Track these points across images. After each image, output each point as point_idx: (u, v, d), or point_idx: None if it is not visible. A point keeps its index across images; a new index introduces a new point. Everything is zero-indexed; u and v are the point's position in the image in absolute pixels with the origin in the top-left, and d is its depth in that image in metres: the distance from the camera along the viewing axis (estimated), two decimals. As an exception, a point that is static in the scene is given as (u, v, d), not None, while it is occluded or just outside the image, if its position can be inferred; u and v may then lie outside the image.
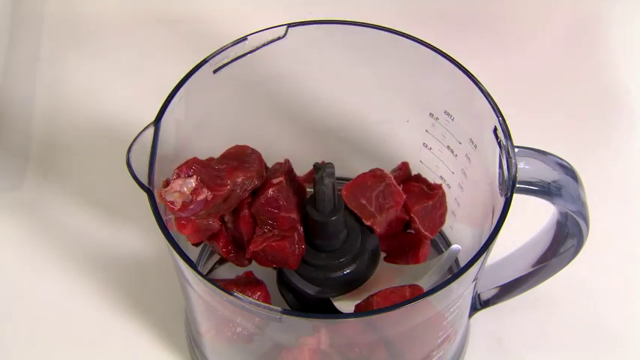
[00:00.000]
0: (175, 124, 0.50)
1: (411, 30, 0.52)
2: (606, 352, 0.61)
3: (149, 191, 0.46)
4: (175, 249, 0.45)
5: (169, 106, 0.49)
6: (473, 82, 0.49)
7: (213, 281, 0.44)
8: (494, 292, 0.57)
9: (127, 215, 0.65)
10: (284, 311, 0.44)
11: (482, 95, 0.49)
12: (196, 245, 0.54)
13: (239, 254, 0.53)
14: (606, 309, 0.63)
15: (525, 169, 0.48)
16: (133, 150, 0.46)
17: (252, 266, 0.53)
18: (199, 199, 0.48)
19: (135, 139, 0.47)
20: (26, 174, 0.68)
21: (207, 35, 0.75)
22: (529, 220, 0.53)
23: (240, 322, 0.49)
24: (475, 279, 0.49)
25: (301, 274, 0.52)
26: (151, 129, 0.47)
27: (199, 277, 0.44)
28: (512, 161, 0.47)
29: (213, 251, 0.59)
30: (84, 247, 0.65)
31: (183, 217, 0.50)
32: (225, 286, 0.45)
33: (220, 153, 0.54)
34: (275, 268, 0.54)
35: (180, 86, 0.49)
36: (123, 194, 0.61)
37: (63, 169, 0.69)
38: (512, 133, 0.48)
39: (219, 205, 0.50)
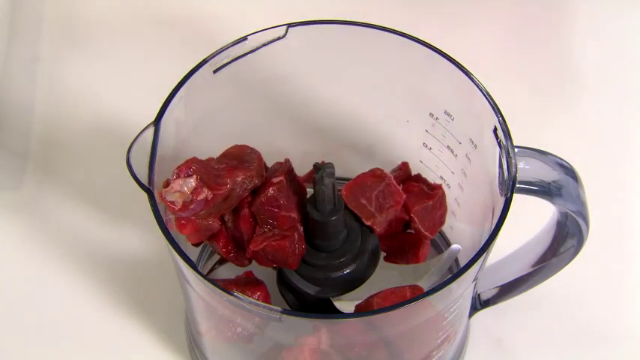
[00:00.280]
0: (175, 124, 0.50)
1: (411, 30, 0.52)
2: (606, 352, 0.61)
3: (149, 191, 0.46)
4: (175, 249, 0.45)
5: (169, 106, 0.49)
6: (473, 83, 0.49)
7: (213, 281, 0.44)
8: (494, 292, 0.57)
9: (127, 215, 0.65)
10: (284, 311, 0.44)
11: (482, 95, 0.49)
12: (196, 245, 0.54)
13: (239, 254, 0.53)
14: (606, 309, 0.63)
15: (525, 169, 0.48)
16: (133, 150, 0.46)
17: (252, 266, 0.53)
18: (199, 198, 0.48)
19: (135, 139, 0.47)
20: (26, 174, 0.68)
21: (207, 35, 0.75)
22: (529, 220, 0.53)
23: (240, 322, 0.49)
24: (475, 279, 0.49)
25: (301, 273, 0.52)
26: (151, 129, 0.47)
27: (199, 277, 0.44)
28: (512, 161, 0.47)
29: (213, 251, 0.59)
30: (84, 247, 0.65)
31: (183, 217, 0.49)
32: (225, 286, 0.45)
33: (220, 153, 0.54)
34: (275, 268, 0.54)
35: (181, 86, 0.49)
36: (123, 194, 0.61)
37: (63, 169, 0.69)
38: (512, 133, 0.48)
39: (219, 205, 0.50)
